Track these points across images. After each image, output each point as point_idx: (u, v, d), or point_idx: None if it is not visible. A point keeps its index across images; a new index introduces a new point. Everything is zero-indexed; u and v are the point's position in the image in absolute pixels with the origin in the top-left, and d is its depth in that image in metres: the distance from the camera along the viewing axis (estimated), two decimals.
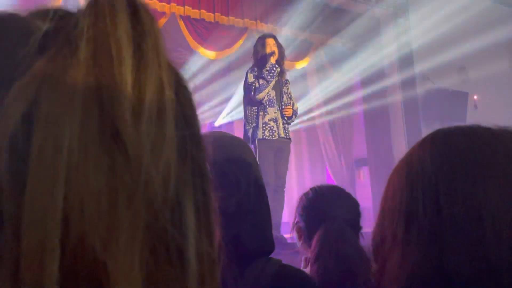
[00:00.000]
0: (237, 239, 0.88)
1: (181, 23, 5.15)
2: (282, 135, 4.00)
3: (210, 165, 0.36)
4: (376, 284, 0.66)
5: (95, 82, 0.29)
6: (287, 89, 4.18)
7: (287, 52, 4.42)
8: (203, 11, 5.18)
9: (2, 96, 0.28)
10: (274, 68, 3.97)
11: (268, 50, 4.06)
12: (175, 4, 5.02)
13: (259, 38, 4.29)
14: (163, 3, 4.90)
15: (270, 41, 4.13)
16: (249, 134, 4.01)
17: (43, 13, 0.34)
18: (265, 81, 3.94)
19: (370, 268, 0.90)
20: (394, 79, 6.15)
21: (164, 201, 0.29)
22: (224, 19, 5.34)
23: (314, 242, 1.34)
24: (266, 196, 0.97)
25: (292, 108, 4.09)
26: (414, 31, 6.22)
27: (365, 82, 6.30)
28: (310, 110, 6.53)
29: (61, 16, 0.33)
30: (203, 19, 5.23)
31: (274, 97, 4.03)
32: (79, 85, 0.28)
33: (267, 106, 3.98)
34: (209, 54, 5.43)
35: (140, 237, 0.28)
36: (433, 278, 0.58)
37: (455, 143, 0.63)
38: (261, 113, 3.98)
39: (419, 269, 0.59)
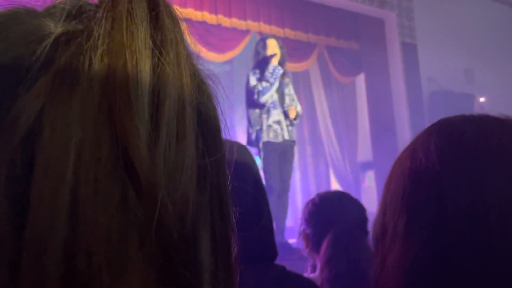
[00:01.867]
0: (239, 245, 0.85)
1: (183, 26, 5.11)
2: (287, 137, 3.96)
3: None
4: (375, 277, 0.63)
5: (106, 104, 0.26)
6: (289, 90, 4.13)
7: (290, 54, 4.38)
8: (205, 13, 5.15)
9: (7, 104, 0.26)
10: (277, 70, 3.92)
11: (269, 52, 4.02)
12: (178, 7, 4.97)
13: (260, 39, 4.28)
14: None
15: (271, 42, 4.08)
16: (253, 137, 3.96)
17: (58, 10, 0.31)
18: (268, 84, 3.89)
19: None
20: (399, 81, 6.11)
21: (179, 239, 0.27)
22: (227, 21, 5.31)
23: (323, 247, 1.36)
24: (268, 201, 0.96)
25: (296, 109, 4.05)
26: (419, 32, 6.17)
27: (370, 84, 6.26)
28: (313, 113, 6.49)
29: (75, 16, 0.30)
30: (205, 22, 5.20)
31: (277, 99, 3.99)
32: (89, 108, 0.25)
33: (271, 109, 3.93)
34: (212, 56, 5.39)
35: (152, 282, 0.25)
36: (435, 269, 0.56)
37: (460, 131, 0.61)
38: (264, 115, 3.93)
39: (421, 260, 0.57)
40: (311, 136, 6.59)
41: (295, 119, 4.05)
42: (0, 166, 0.24)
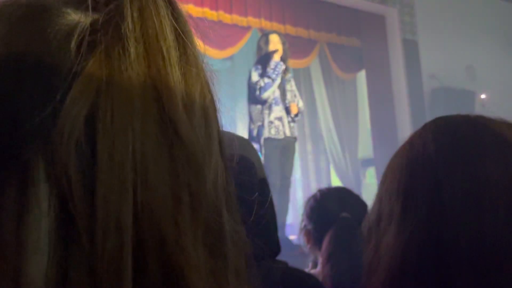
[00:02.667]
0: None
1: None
2: (288, 134, 3.95)
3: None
4: (368, 261, 0.65)
5: (151, 82, 0.28)
6: (291, 86, 4.12)
7: (291, 51, 4.37)
8: (206, 9, 5.14)
9: (51, 97, 0.27)
10: (279, 66, 3.91)
11: (271, 47, 4.00)
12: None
13: (263, 35, 4.27)
14: None
15: (273, 38, 4.07)
16: (254, 133, 3.95)
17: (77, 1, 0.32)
18: (270, 80, 3.87)
19: None
20: (400, 77, 6.09)
21: (216, 204, 0.31)
22: (228, 18, 5.30)
23: (325, 242, 1.37)
24: (271, 197, 0.96)
25: (298, 105, 4.04)
26: (420, 29, 6.16)
27: (371, 80, 6.24)
28: (314, 109, 6.48)
29: (103, 3, 0.31)
30: (206, 18, 5.18)
31: (279, 96, 3.98)
32: (136, 86, 0.28)
33: (272, 105, 3.92)
34: (212, 53, 5.38)
35: (201, 234, 0.29)
36: (429, 248, 0.59)
37: (457, 127, 0.64)
38: (266, 111, 3.92)
39: (415, 240, 0.59)
40: (312, 132, 6.59)
41: (296, 115, 4.04)
42: (70, 146, 0.26)
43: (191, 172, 0.28)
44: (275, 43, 4.02)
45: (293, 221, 5.08)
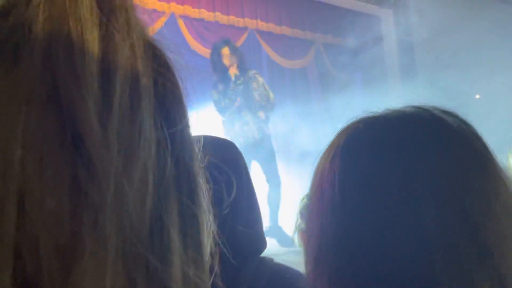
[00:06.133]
0: (230, 239, 0.87)
1: (181, 23, 5.11)
2: (257, 135, 3.92)
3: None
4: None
5: (50, 76, 0.23)
6: (257, 84, 3.98)
7: (287, 51, 4.35)
8: (203, 10, 5.15)
9: None
10: (238, 82, 3.88)
11: (226, 61, 3.93)
12: (175, 4, 4.98)
13: (214, 48, 4.08)
14: (163, 3, 4.87)
15: (225, 51, 3.97)
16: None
17: None
18: (230, 102, 3.85)
19: None
20: (396, 78, 6.11)
21: (140, 219, 0.24)
22: (224, 19, 5.31)
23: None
24: (256, 195, 0.99)
25: (268, 98, 3.97)
26: (416, 30, 6.18)
27: (367, 81, 6.26)
28: (310, 109, 6.49)
29: None
30: (203, 19, 5.20)
31: (243, 102, 3.92)
32: (32, 81, 0.23)
33: (239, 112, 3.91)
34: (209, 53, 5.39)
35: (110, 268, 0.22)
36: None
37: (360, 139, 0.62)
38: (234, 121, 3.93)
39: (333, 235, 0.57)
40: (308, 132, 6.60)
41: (267, 111, 3.97)
42: None
43: (96, 189, 0.23)
44: (227, 56, 3.93)
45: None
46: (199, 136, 0.33)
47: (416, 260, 0.51)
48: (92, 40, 0.24)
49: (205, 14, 5.18)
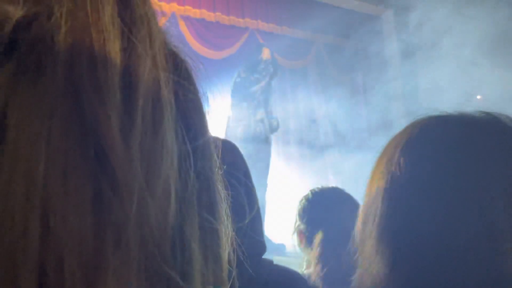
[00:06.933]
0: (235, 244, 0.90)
1: (182, 23, 5.12)
2: (268, 133, 3.97)
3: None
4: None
5: (73, 88, 0.23)
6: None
7: (288, 52, 4.39)
8: (203, 10, 5.16)
9: None
10: (269, 65, 3.99)
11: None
12: (176, 4, 4.99)
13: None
14: (163, 3, 4.88)
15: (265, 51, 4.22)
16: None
17: None
18: (258, 77, 3.99)
19: None
20: (396, 78, 6.12)
21: (162, 234, 0.24)
22: (225, 19, 5.32)
23: (315, 243, 1.36)
24: (257, 198, 1.00)
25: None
26: (416, 29, 6.18)
27: (367, 81, 6.27)
28: (311, 110, 6.50)
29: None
30: (204, 19, 5.20)
31: (263, 100, 4.01)
32: (55, 94, 0.22)
33: (255, 109, 3.98)
34: (209, 54, 5.40)
35: (134, 285, 0.22)
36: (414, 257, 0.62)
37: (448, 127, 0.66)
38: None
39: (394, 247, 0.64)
40: (309, 133, 6.60)
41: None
42: None
43: (119, 206, 0.23)
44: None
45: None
46: (216, 139, 0.32)
47: (485, 250, 0.58)
48: (115, 52, 0.24)
49: (205, 14, 5.19)
